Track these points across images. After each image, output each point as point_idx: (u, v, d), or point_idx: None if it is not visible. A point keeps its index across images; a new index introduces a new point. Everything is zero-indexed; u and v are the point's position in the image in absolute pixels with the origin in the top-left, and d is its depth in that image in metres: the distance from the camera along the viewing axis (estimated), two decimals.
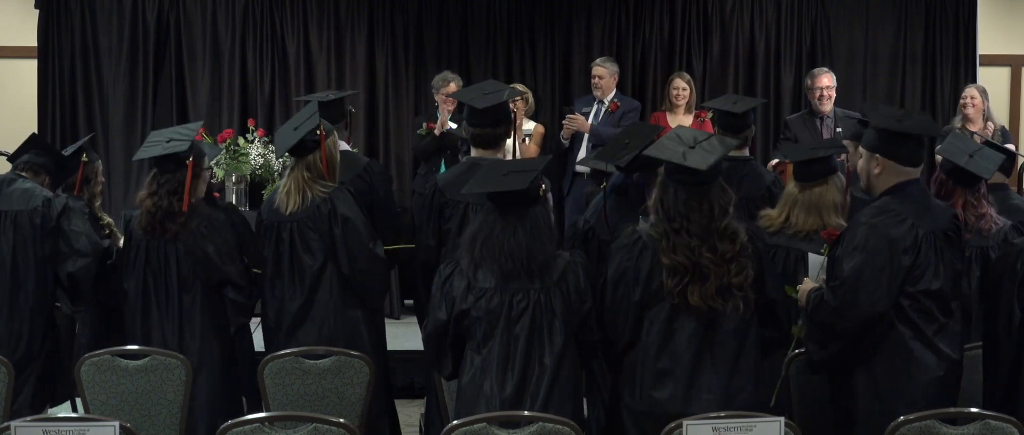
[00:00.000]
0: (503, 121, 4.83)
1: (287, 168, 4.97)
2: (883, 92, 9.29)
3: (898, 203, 3.95)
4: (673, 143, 3.93)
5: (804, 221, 4.59)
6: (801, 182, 4.66)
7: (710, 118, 6.71)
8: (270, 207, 4.89)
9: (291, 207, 4.78)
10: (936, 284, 3.92)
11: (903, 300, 3.91)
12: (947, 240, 3.99)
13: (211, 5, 8.98)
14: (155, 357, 4.47)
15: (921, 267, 3.91)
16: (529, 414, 3.67)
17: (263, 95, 8.95)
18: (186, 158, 4.74)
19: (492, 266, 3.86)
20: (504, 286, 3.85)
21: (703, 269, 3.79)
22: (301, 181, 4.79)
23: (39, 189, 4.95)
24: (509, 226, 3.86)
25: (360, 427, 4.46)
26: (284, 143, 4.84)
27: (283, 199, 4.80)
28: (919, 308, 3.92)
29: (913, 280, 3.91)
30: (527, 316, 3.84)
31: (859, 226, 3.96)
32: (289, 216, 4.78)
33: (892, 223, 3.91)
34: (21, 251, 4.80)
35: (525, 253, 3.84)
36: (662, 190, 3.89)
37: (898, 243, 3.89)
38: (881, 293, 3.87)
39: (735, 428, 3.54)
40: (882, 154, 3.99)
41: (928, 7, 9.29)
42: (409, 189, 8.77)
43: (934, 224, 3.97)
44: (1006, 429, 3.72)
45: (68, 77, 8.99)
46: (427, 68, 8.91)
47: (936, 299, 3.93)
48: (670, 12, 9.20)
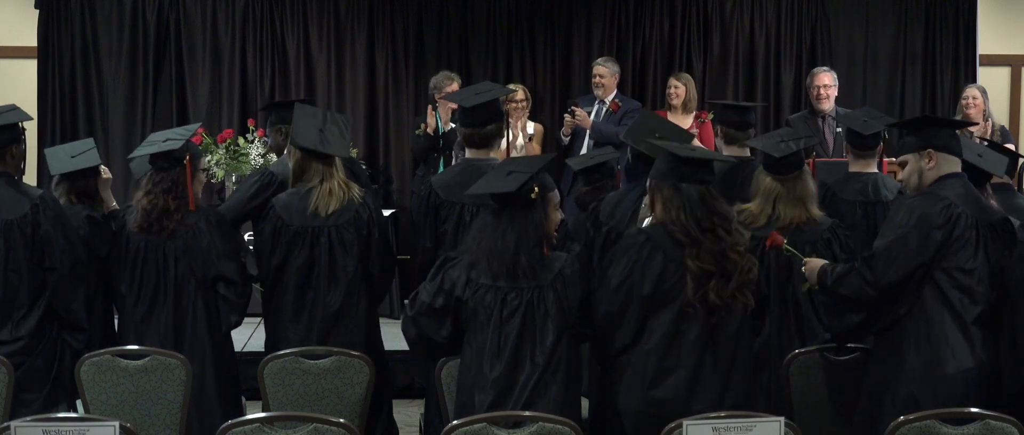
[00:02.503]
0: (493, 120, 4.82)
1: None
2: (883, 92, 9.29)
3: (941, 189, 4.09)
4: (668, 142, 3.97)
5: (791, 213, 4.61)
6: (780, 175, 4.65)
7: (711, 119, 6.72)
8: (298, 212, 4.81)
9: (334, 207, 4.78)
10: (973, 263, 4.03)
11: (939, 274, 4.02)
12: (994, 231, 4.10)
13: (211, 5, 8.98)
14: (155, 357, 4.47)
15: (956, 243, 4.02)
16: (529, 414, 3.67)
17: (263, 95, 8.94)
18: (182, 156, 4.74)
19: (484, 265, 3.87)
20: (496, 284, 3.85)
21: (728, 267, 3.82)
22: (341, 183, 4.80)
23: (25, 188, 4.86)
24: (500, 227, 3.86)
25: (360, 427, 4.46)
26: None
27: (324, 201, 4.78)
28: (957, 285, 4.02)
29: (949, 255, 4.01)
30: (518, 315, 3.84)
31: (899, 206, 4.14)
32: (328, 219, 4.78)
33: (928, 202, 4.05)
34: (13, 263, 4.72)
35: (511, 256, 3.84)
36: (674, 192, 3.86)
37: (931, 218, 4.00)
38: (910, 258, 3.98)
39: (735, 428, 3.54)
40: (933, 148, 4.11)
41: (928, 7, 9.29)
42: (409, 190, 8.78)
43: (980, 213, 4.09)
44: (1006, 429, 3.72)
45: (68, 77, 8.99)
46: (427, 68, 8.91)
47: (976, 280, 4.03)
48: (670, 12, 9.20)
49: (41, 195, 4.78)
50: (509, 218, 3.86)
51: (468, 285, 3.88)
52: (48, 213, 4.72)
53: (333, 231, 4.78)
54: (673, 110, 8.15)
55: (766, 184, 4.66)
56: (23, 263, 4.70)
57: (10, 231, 4.68)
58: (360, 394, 4.53)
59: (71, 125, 8.98)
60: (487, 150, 4.84)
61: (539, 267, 3.87)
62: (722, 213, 3.87)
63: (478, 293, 3.87)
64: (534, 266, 3.86)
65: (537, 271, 3.86)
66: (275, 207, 4.85)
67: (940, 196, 4.06)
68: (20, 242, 4.69)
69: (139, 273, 4.80)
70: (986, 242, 4.08)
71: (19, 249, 4.69)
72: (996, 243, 4.11)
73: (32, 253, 4.70)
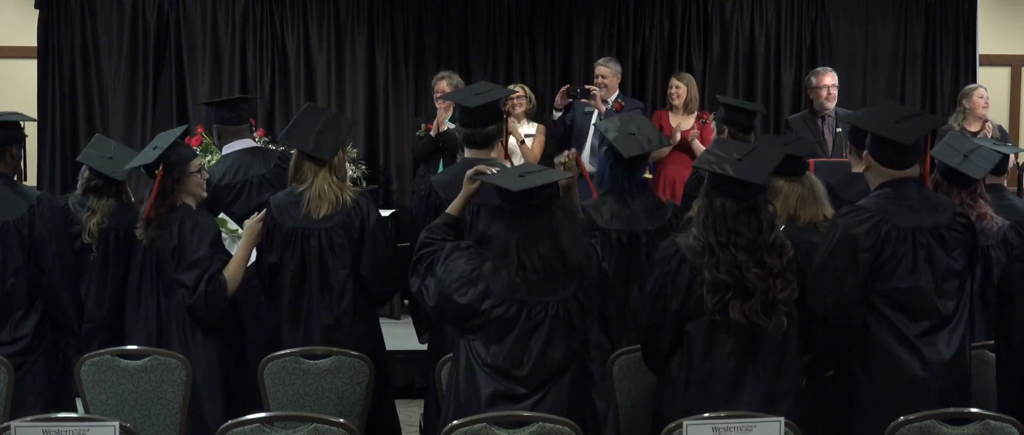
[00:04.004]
0: (494, 120, 4.82)
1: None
2: (883, 92, 9.29)
3: (875, 199, 4.00)
4: (717, 155, 3.84)
5: (809, 213, 4.62)
6: (792, 176, 4.66)
7: (713, 119, 6.72)
8: (291, 212, 4.77)
9: (325, 211, 4.75)
10: (909, 282, 3.93)
11: (874, 297, 3.93)
12: (937, 237, 3.98)
13: (211, 5, 8.99)
14: (155, 357, 4.47)
15: (889, 264, 3.93)
16: (529, 414, 3.66)
17: (263, 95, 8.95)
18: (156, 168, 4.69)
19: (513, 275, 3.72)
20: (520, 296, 3.72)
21: (748, 284, 3.73)
22: (331, 186, 4.79)
23: (23, 189, 4.86)
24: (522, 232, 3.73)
25: (360, 427, 4.46)
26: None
27: (315, 204, 4.74)
28: (895, 305, 3.93)
29: (883, 277, 3.93)
30: (543, 327, 3.73)
31: (831, 225, 4.05)
32: (319, 221, 4.74)
33: (854, 222, 3.95)
34: (11, 265, 4.72)
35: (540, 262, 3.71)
36: (708, 203, 3.82)
37: (859, 241, 3.91)
38: (838, 289, 3.90)
39: (735, 428, 3.54)
40: (871, 154, 4.06)
41: (928, 7, 9.30)
42: (409, 190, 8.78)
43: (919, 220, 3.97)
44: (1006, 429, 3.72)
45: (68, 77, 8.99)
46: (427, 68, 8.92)
47: (915, 297, 3.94)
48: (670, 12, 9.21)
49: (39, 197, 4.79)
50: (531, 220, 3.74)
51: (488, 296, 3.73)
52: (44, 215, 4.72)
53: (323, 234, 4.76)
54: (674, 110, 8.15)
55: (782, 186, 4.66)
56: (21, 264, 4.71)
57: (7, 232, 4.68)
58: (360, 394, 4.53)
59: (71, 125, 8.99)
60: (487, 150, 4.83)
61: (562, 276, 3.75)
62: (746, 232, 3.76)
63: (500, 305, 3.72)
64: (560, 271, 3.75)
65: (566, 278, 3.76)
66: (271, 206, 4.84)
67: (865, 213, 3.95)
68: (17, 243, 4.69)
69: (137, 277, 4.83)
70: (930, 251, 3.96)
71: (16, 250, 4.69)
72: (943, 248, 3.97)
73: (29, 254, 4.70)
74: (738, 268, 3.73)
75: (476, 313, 3.74)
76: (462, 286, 3.74)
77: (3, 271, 4.69)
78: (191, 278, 4.62)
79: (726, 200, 3.78)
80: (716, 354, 3.79)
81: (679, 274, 3.81)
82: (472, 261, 3.77)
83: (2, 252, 4.67)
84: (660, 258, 3.89)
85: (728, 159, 3.80)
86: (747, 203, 3.78)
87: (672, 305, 3.81)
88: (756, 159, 3.82)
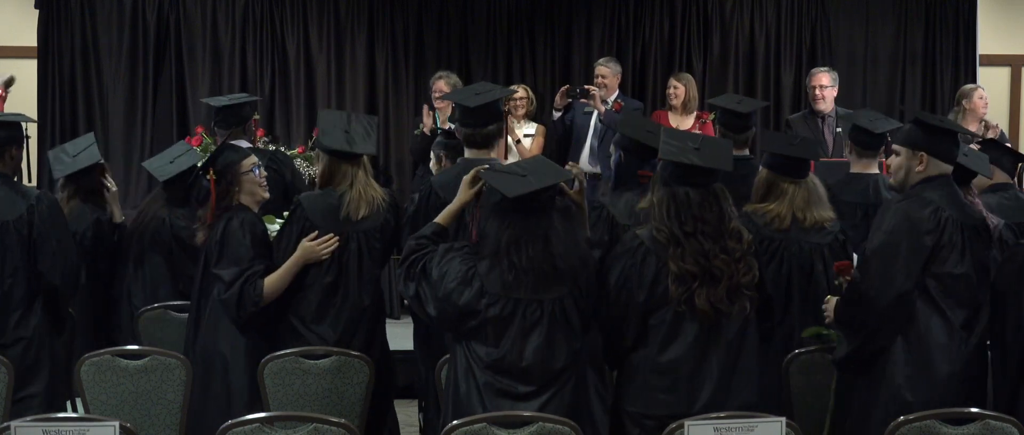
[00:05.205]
0: (494, 120, 4.81)
1: None
2: (883, 92, 9.30)
3: (927, 191, 4.06)
4: (678, 144, 3.88)
5: (815, 214, 4.63)
6: (795, 177, 4.67)
7: (713, 119, 6.71)
8: (326, 214, 4.68)
9: (363, 212, 4.69)
10: (961, 268, 4.01)
11: (929, 280, 4.00)
12: (975, 233, 4.08)
13: (211, 5, 8.99)
14: (155, 357, 4.47)
15: (945, 249, 4.00)
16: (529, 414, 3.66)
17: (263, 95, 8.95)
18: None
19: (505, 274, 3.74)
20: (512, 296, 3.74)
21: (715, 271, 3.77)
22: (369, 186, 4.75)
23: (23, 189, 4.86)
24: (518, 230, 3.74)
25: (360, 427, 4.46)
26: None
27: (355, 205, 4.67)
28: (946, 291, 4.00)
29: (938, 261, 4.00)
30: (541, 326, 3.74)
31: (886, 210, 4.10)
32: (359, 224, 4.68)
33: (916, 206, 4.03)
34: (10, 264, 4.72)
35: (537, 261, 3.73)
36: (669, 193, 3.83)
37: (921, 224, 3.99)
38: (902, 271, 3.96)
39: (736, 428, 3.54)
40: (927, 151, 4.09)
41: (928, 7, 9.30)
42: (409, 190, 8.76)
43: (963, 215, 4.08)
44: (1006, 429, 3.72)
45: (68, 77, 8.99)
46: (427, 68, 8.92)
47: (964, 284, 4.02)
48: (670, 12, 9.21)
49: (38, 196, 4.78)
50: (524, 221, 3.75)
51: (483, 296, 3.74)
52: (43, 213, 4.72)
53: (362, 237, 4.71)
54: (674, 110, 8.14)
55: (785, 188, 4.66)
56: (20, 264, 4.70)
57: (6, 232, 4.68)
58: (360, 394, 4.53)
59: (71, 125, 8.99)
60: (487, 150, 4.82)
61: (555, 275, 3.76)
62: (711, 219, 3.80)
63: (493, 306, 3.73)
64: (549, 274, 3.75)
65: (563, 276, 3.77)
66: (302, 206, 4.71)
67: (927, 200, 4.04)
68: (16, 243, 4.69)
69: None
70: (971, 244, 4.07)
71: (16, 250, 4.69)
72: (977, 245, 4.09)
73: (29, 254, 4.70)
74: (705, 257, 3.77)
75: (475, 312, 3.74)
76: (459, 286, 3.75)
77: (2, 271, 4.69)
78: (229, 274, 4.52)
79: (689, 189, 3.81)
80: (680, 343, 3.80)
81: (644, 265, 3.81)
82: (467, 261, 3.79)
83: (1, 251, 4.67)
84: (624, 250, 3.88)
85: (689, 149, 3.83)
86: (709, 190, 3.83)
87: (638, 297, 3.81)
88: (714, 147, 3.87)
